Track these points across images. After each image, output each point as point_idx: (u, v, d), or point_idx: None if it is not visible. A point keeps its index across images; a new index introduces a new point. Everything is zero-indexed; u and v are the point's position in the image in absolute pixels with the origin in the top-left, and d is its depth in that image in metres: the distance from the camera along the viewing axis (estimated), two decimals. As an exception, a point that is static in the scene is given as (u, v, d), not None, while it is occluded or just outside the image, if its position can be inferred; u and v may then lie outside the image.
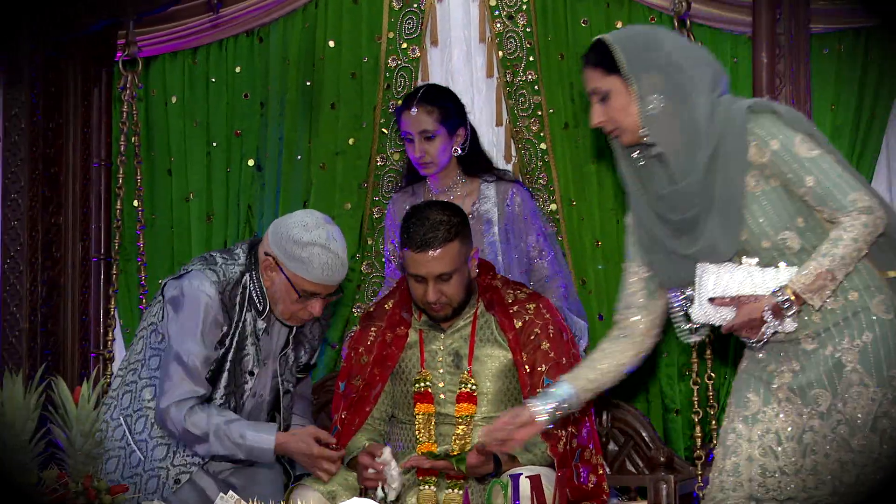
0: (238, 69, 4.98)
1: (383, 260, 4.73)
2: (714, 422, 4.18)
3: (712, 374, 4.17)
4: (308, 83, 4.91)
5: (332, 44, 4.89)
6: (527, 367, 3.81)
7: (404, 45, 4.85)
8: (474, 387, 3.84)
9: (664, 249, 3.03)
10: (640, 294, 3.16)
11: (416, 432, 3.85)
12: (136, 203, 4.82)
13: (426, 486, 3.77)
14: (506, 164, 4.79)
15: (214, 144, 5.01)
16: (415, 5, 4.83)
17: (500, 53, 4.79)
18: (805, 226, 2.90)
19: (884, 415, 2.86)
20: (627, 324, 3.18)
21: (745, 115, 2.90)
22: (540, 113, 4.75)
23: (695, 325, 3.03)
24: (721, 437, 3.04)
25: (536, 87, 4.76)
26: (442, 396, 3.86)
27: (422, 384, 3.87)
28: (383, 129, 4.83)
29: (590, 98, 3.03)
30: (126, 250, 4.86)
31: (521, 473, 3.41)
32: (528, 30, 4.77)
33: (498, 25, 4.79)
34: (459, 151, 4.41)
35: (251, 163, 4.98)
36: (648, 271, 3.13)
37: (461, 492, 3.72)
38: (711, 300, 2.89)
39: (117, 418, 3.87)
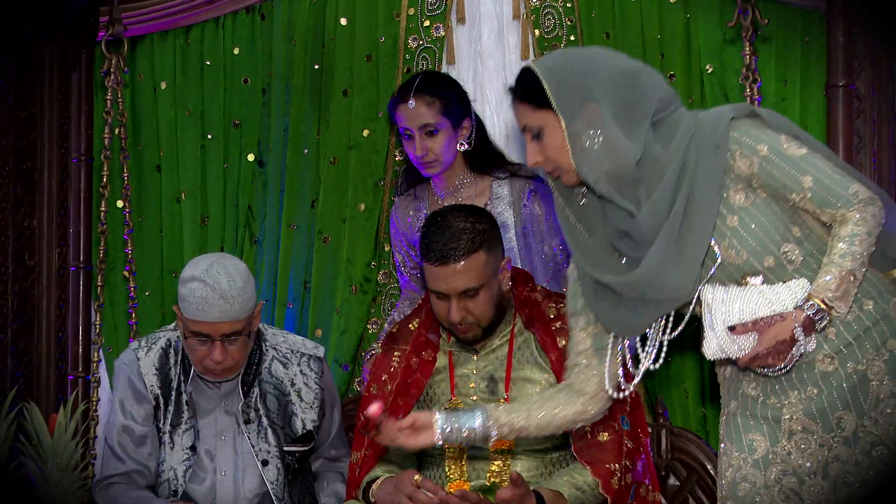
0: (237, 51, 4.97)
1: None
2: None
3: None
4: (317, 67, 4.90)
5: (344, 21, 4.88)
6: (573, 392, 3.77)
7: (427, 23, 4.85)
8: (513, 415, 3.80)
9: (609, 295, 3.05)
10: (587, 351, 3.19)
11: (447, 468, 3.83)
12: (121, 204, 4.82)
13: (456, 530, 3.78)
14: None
15: (210, 137, 4.99)
16: (439, -23, 4.90)
17: (537, 32, 4.79)
18: (801, 235, 2.94)
19: None
20: (576, 379, 3.21)
21: (727, 127, 2.92)
22: (584, 99, 4.71)
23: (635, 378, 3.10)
24: (728, 488, 3.01)
25: (579, 70, 4.72)
26: (475, 427, 3.83)
27: (452, 414, 3.84)
28: (402, 120, 4.86)
29: (523, 134, 3.04)
30: (111, 258, 4.86)
31: (566, 514, 3.45)
32: (568, 5, 4.78)
33: (534, 0, 4.78)
34: (465, 146, 4.40)
35: (251, 158, 4.97)
36: (596, 327, 3.17)
37: (496, 536, 3.73)
38: (732, 328, 2.88)
39: None
